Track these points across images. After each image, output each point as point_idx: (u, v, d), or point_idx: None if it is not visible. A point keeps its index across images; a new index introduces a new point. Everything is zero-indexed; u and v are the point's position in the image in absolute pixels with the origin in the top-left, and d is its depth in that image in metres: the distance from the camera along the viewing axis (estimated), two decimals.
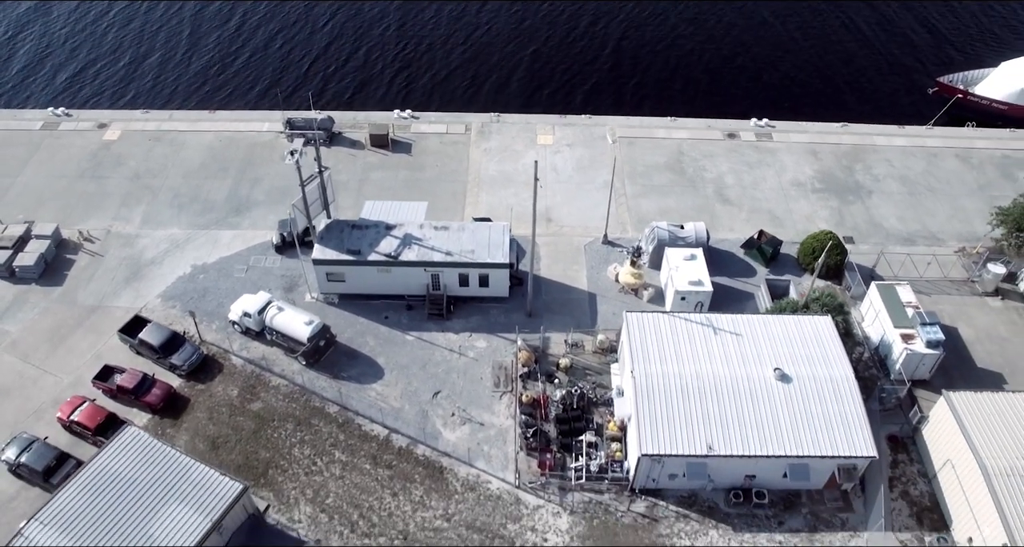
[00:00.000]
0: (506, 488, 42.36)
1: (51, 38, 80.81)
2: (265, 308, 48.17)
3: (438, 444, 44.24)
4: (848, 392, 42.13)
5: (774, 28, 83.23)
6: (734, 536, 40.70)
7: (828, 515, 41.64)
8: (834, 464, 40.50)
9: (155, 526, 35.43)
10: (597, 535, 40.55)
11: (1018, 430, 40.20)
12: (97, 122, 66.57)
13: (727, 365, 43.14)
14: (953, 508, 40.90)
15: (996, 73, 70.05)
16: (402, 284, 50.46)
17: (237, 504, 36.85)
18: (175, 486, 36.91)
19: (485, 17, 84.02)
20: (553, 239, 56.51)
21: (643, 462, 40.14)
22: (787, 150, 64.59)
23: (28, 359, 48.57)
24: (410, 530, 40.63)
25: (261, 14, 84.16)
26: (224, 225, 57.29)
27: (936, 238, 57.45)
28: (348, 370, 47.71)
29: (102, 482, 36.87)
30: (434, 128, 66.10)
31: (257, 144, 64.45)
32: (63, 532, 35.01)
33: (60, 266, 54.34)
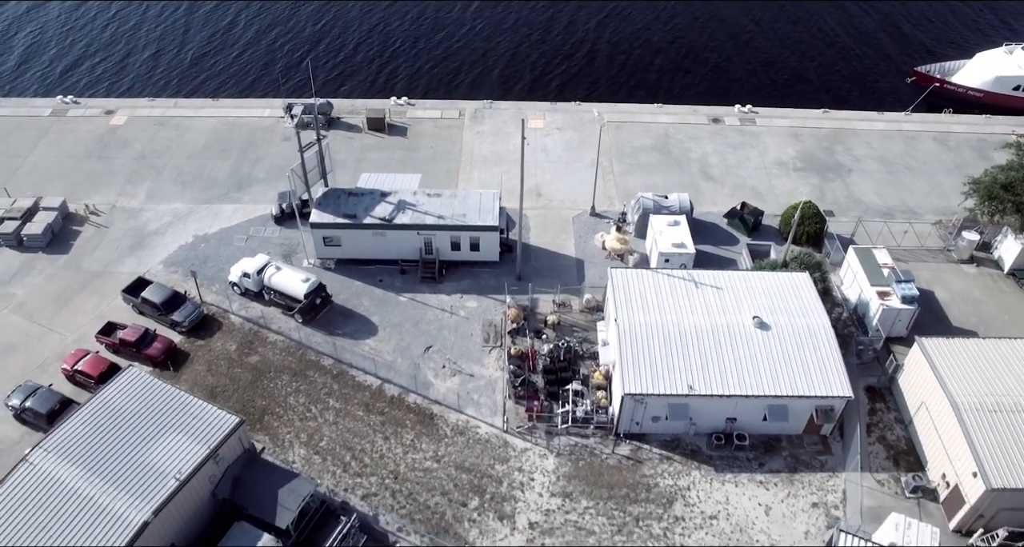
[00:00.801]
0: (494, 432, 43.72)
1: (52, 35, 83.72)
2: (264, 268, 49.95)
3: (429, 393, 45.68)
4: (824, 339, 43.71)
5: (759, 22, 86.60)
6: (716, 476, 41.95)
7: (807, 457, 42.92)
8: (812, 405, 41.90)
9: (154, 453, 36.73)
10: (582, 475, 41.79)
11: (987, 372, 41.67)
12: (104, 109, 69.06)
13: (708, 314, 44.78)
14: (928, 449, 42.20)
15: (972, 63, 72.71)
16: (396, 248, 52.27)
17: (233, 436, 38.13)
18: (174, 418, 38.28)
19: (478, 14, 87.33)
20: (542, 212, 58.47)
21: (626, 402, 41.55)
22: (769, 133, 66.93)
23: (33, 319, 50.22)
24: (401, 470, 41.89)
25: (258, 10, 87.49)
26: (225, 200, 59.34)
27: (914, 212, 59.38)
28: (343, 327, 49.31)
29: (104, 414, 38.25)
30: (429, 114, 68.56)
31: (258, 128, 66.80)
32: (66, 458, 36.30)
33: (66, 236, 56.25)
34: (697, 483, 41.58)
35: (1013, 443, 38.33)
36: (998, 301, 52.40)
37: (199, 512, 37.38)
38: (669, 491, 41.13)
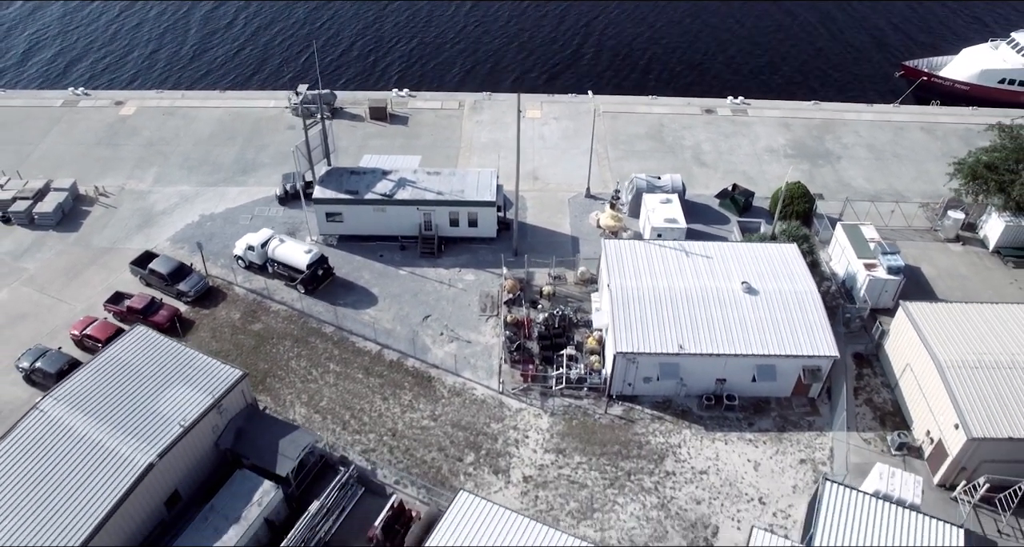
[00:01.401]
0: (490, 394, 44.88)
1: (58, 33, 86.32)
2: (268, 241, 51.44)
3: (427, 357, 46.93)
4: (811, 303, 45.01)
5: (750, 19, 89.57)
6: (706, 435, 43.01)
7: (796, 418, 44.00)
8: (799, 365, 43.06)
9: (160, 402, 37.92)
10: (576, 433, 42.88)
11: (969, 332, 42.87)
12: (114, 100, 71.10)
13: (698, 280, 46.13)
14: (913, 409, 43.28)
15: (958, 58, 74.74)
16: (396, 224, 53.77)
17: (236, 389, 39.32)
18: (179, 372, 39.51)
19: (478, 12, 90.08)
20: (539, 194, 60.05)
21: (618, 362, 42.76)
22: (761, 123, 68.69)
23: (44, 290, 51.65)
24: (399, 428, 43.02)
25: (257, 9, 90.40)
26: (231, 183, 61.03)
27: (901, 196, 60.87)
28: (344, 298, 50.66)
29: (112, 368, 39.49)
30: (429, 104, 70.50)
31: (263, 118, 68.70)
32: (75, 407, 37.50)
33: (76, 216, 57.87)
34: (688, 441, 42.65)
35: (993, 397, 39.44)
36: (983, 277, 53.68)
37: (202, 460, 38.48)
38: (660, 448, 42.20)
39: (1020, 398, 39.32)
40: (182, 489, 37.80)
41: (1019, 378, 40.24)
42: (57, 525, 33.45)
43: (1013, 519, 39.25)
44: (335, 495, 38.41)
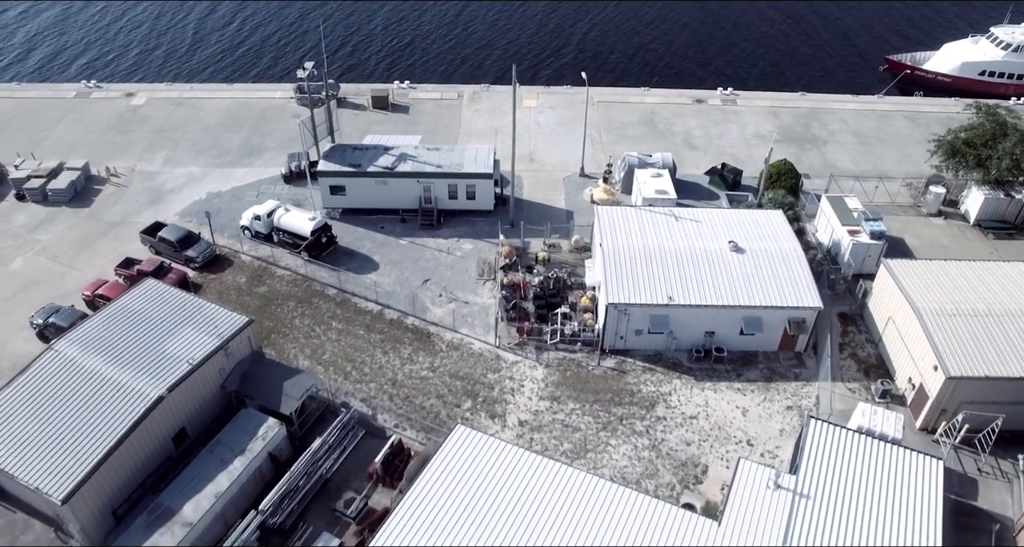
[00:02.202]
0: (487, 348, 46.43)
1: (66, 34, 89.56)
2: (274, 211, 53.38)
3: (426, 316, 48.57)
4: (796, 260, 46.83)
5: (741, 16, 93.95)
6: (696, 384, 44.48)
7: (783, 370, 45.50)
8: (785, 316, 44.66)
9: (170, 344, 39.46)
10: (570, 383, 44.36)
11: (947, 285, 44.55)
12: (125, 92, 73.67)
13: (687, 240, 47.99)
14: (895, 359, 44.81)
15: (940, 52, 77.56)
16: (397, 197, 55.73)
17: (243, 334, 40.90)
18: (188, 318, 41.13)
19: (477, 11, 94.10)
20: (535, 174, 62.15)
21: (610, 313, 44.39)
22: (750, 111, 71.10)
23: (57, 259, 53.45)
24: (399, 378, 44.51)
25: (259, 9, 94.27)
26: (238, 165, 63.18)
27: (886, 176, 62.97)
28: (347, 264, 52.39)
29: (124, 314, 41.15)
30: (429, 95, 73.06)
31: (269, 108, 71.15)
32: (88, 348, 39.03)
33: (88, 193, 59.91)
34: (678, 390, 44.11)
35: (970, 341, 41.00)
36: (964, 247, 55.47)
37: (208, 401, 39.91)
38: (651, 396, 43.65)
39: (995, 342, 40.92)
40: (189, 427, 39.20)
41: (994, 325, 41.86)
42: (70, 451, 34.84)
43: (992, 459, 40.63)
44: (337, 434, 39.83)
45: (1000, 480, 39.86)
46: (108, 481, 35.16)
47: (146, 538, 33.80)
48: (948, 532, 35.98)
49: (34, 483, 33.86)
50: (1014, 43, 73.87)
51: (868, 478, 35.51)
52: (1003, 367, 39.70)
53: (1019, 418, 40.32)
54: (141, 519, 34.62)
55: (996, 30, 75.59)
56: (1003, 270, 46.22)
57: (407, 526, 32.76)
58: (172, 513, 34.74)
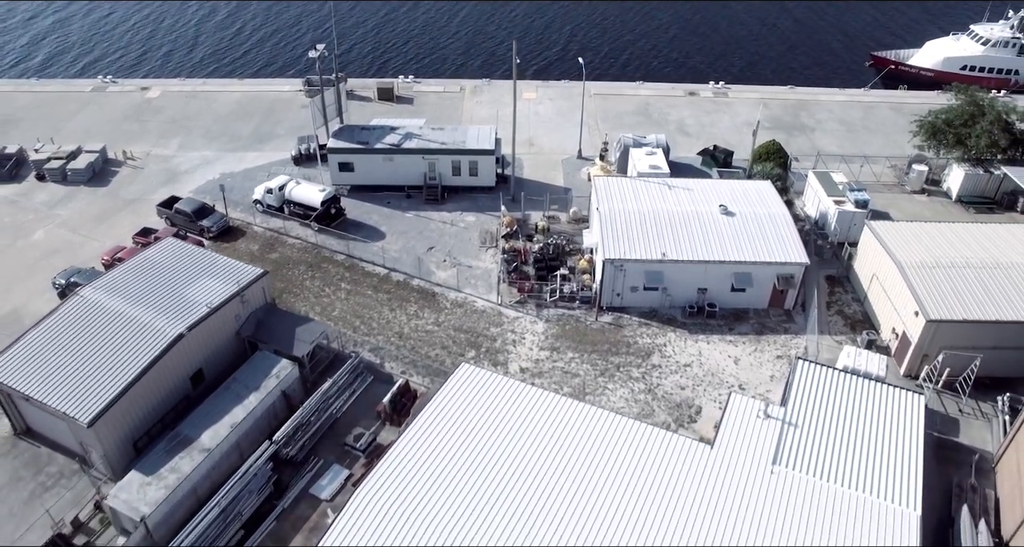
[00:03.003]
0: (490, 305, 48.51)
1: (77, 35, 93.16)
2: (285, 185, 55.80)
3: (431, 278, 50.71)
4: (783, 221, 49.17)
5: (732, 14, 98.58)
6: (690, 337, 46.49)
7: (773, 325, 47.55)
8: (773, 272, 46.82)
9: (189, 290, 41.50)
10: (569, 335, 46.37)
11: (927, 241, 46.85)
12: (140, 86, 76.68)
13: (679, 205, 50.35)
14: (880, 313, 46.90)
15: (923, 49, 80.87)
16: (403, 173, 58.20)
17: (258, 284, 43.00)
18: (207, 269, 43.22)
19: (478, 10, 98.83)
20: (535, 157, 64.76)
21: (607, 269, 46.55)
22: (741, 103, 74.04)
23: (76, 231, 55.72)
24: (405, 331, 46.50)
25: (265, 9, 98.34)
26: (249, 149, 65.81)
27: (871, 158, 65.56)
28: (355, 233, 54.65)
29: (145, 266, 43.28)
30: (433, 88, 76.08)
31: (278, 100, 74.05)
32: (112, 293, 41.04)
33: (106, 174, 62.39)
34: (673, 341, 46.11)
35: (949, 289, 43.14)
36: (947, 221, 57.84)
37: (225, 345, 41.83)
38: (647, 346, 45.63)
39: (972, 290, 43.05)
40: (206, 369, 41.06)
41: (972, 275, 44.02)
42: (95, 381, 36.71)
43: (973, 402, 42.48)
44: (347, 377, 41.72)
45: (981, 420, 41.70)
46: (130, 411, 37.01)
47: (166, 462, 35.51)
48: (930, 462, 37.86)
49: (62, 408, 35.71)
50: (992, 39, 77.19)
51: (853, 411, 37.35)
52: (980, 311, 41.81)
53: (996, 363, 42.32)
54: (161, 445, 36.36)
55: (976, 27, 78.96)
56: (980, 230, 48.60)
57: (411, 454, 34.45)
58: (190, 441, 36.49)
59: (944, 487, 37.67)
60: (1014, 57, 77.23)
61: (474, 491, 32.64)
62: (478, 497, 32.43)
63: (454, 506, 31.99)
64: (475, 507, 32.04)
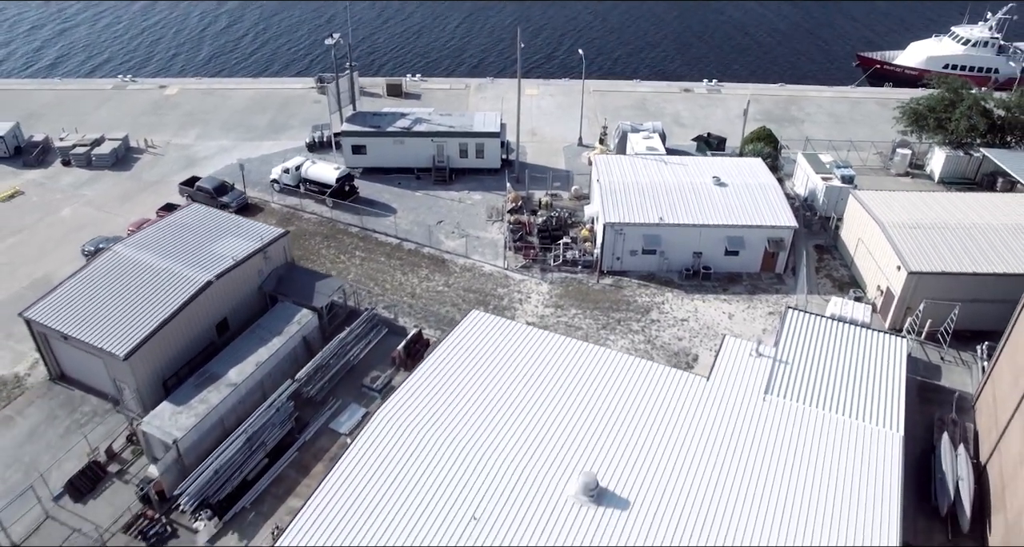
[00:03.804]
0: (497, 270, 51.18)
1: (103, 32, 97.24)
2: (301, 164, 58.80)
3: (441, 247, 53.44)
4: (773, 191, 52.13)
5: (725, 16, 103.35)
6: (686, 296, 49.11)
7: (765, 286, 50.23)
8: (764, 235, 49.58)
9: (216, 246, 44.17)
10: (572, 295, 48.97)
11: (908, 206, 49.74)
12: (158, 85, 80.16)
13: (675, 177, 53.34)
14: (865, 274, 49.60)
15: (908, 49, 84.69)
16: (413, 156, 61.23)
17: (279, 242, 45.70)
18: (232, 229, 45.96)
19: (481, 13, 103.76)
20: (537, 144, 67.91)
21: (607, 233, 49.31)
22: (733, 98, 77.40)
23: (101, 209, 58.54)
24: (417, 292, 49.10)
25: (276, 11, 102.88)
26: (265, 139, 68.95)
27: (858, 145, 68.80)
28: (368, 209, 57.52)
29: (175, 227, 45.98)
30: (439, 86, 79.60)
31: (291, 97, 77.43)
32: (143, 249, 43.68)
33: (128, 160, 65.40)
34: (670, 300, 48.71)
35: (929, 246, 45.90)
36: None
37: (248, 299, 44.38)
38: (646, 304, 48.22)
39: (951, 246, 45.84)
40: (231, 319, 43.57)
41: (950, 234, 46.82)
42: (130, 321, 39.22)
43: (954, 351, 44.98)
44: (363, 327, 44.22)
45: (961, 367, 44.17)
46: (161, 349, 39.47)
47: (195, 395, 37.86)
48: (913, 401, 40.31)
49: (99, 344, 38.17)
50: (973, 39, 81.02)
51: (840, 351, 39.83)
52: (958, 264, 44.55)
53: (974, 316, 44.84)
54: (191, 381, 38.74)
55: (957, 29, 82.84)
56: (959, 197, 51.62)
57: (426, 384, 36.75)
58: (218, 377, 38.87)
59: (927, 422, 40.01)
60: (993, 56, 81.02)
61: (485, 417, 34.96)
62: (489, 422, 34.73)
63: (467, 430, 34.28)
64: (486, 431, 34.32)
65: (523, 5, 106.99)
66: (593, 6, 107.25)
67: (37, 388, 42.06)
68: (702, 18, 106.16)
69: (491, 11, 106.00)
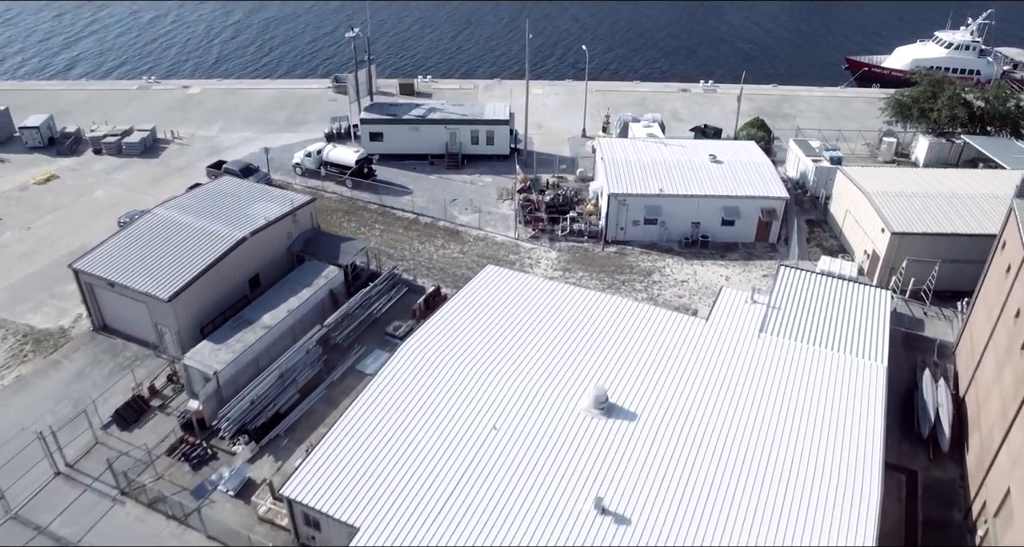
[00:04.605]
0: (508, 239, 54.56)
1: (127, 37, 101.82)
2: (322, 149, 62.50)
3: (455, 221, 56.83)
4: (766, 167, 55.78)
5: (719, 22, 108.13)
6: (686, 261, 52.41)
7: (759, 254, 53.54)
8: (758, 206, 53.01)
9: (249, 209, 47.51)
10: (579, 260, 52.26)
11: (891, 179, 53.36)
12: (181, 85, 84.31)
13: (674, 155, 56.97)
14: (853, 242, 52.93)
15: (894, 53, 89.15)
16: (427, 143, 64.92)
17: (307, 208, 49.11)
18: (263, 196, 49.39)
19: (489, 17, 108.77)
20: (544, 136, 71.70)
21: (611, 204, 52.73)
22: (728, 98, 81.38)
23: (133, 190, 62.03)
24: (434, 258, 52.38)
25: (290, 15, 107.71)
26: (285, 131, 72.76)
27: (846, 135, 72.60)
28: (385, 189, 61.04)
29: (209, 193, 49.46)
30: (449, 86, 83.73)
31: (308, 96, 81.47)
32: (181, 212, 47.05)
33: (156, 149, 69.10)
34: (671, 265, 52.00)
35: (911, 212, 49.30)
36: None
37: (278, 258, 47.60)
38: (648, 268, 51.49)
39: (931, 211, 49.25)
40: (262, 276, 46.74)
41: (931, 201, 50.25)
42: (172, 270, 42.43)
43: (935, 308, 48.13)
44: (385, 283, 47.40)
45: (943, 320, 47.32)
46: (200, 296, 42.64)
47: (232, 335, 40.90)
48: (898, 348, 43.41)
49: (144, 289, 41.34)
50: (955, 43, 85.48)
51: (828, 299, 43.07)
52: (937, 226, 47.93)
53: (954, 277, 47.98)
54: (228, 325, 41.84)
55: (940, 33, 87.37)
56: (939, 171, 55.40)
57: (444, 326, 39.81)
58: (252, 321, 41.97)
59: (911, 366, 43.02)
60: (975, 58, 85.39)
61: (503, 348, 38.18)
62: (507, 352, 37.90)
63: (486, 358, 37.50)
64: (504, 359, 37.48)
65: (525, 9, 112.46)
66: (593, 10, 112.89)
67: (81, 337, 45.10)
68: (699, 23, 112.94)
69: (495, 16, 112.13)
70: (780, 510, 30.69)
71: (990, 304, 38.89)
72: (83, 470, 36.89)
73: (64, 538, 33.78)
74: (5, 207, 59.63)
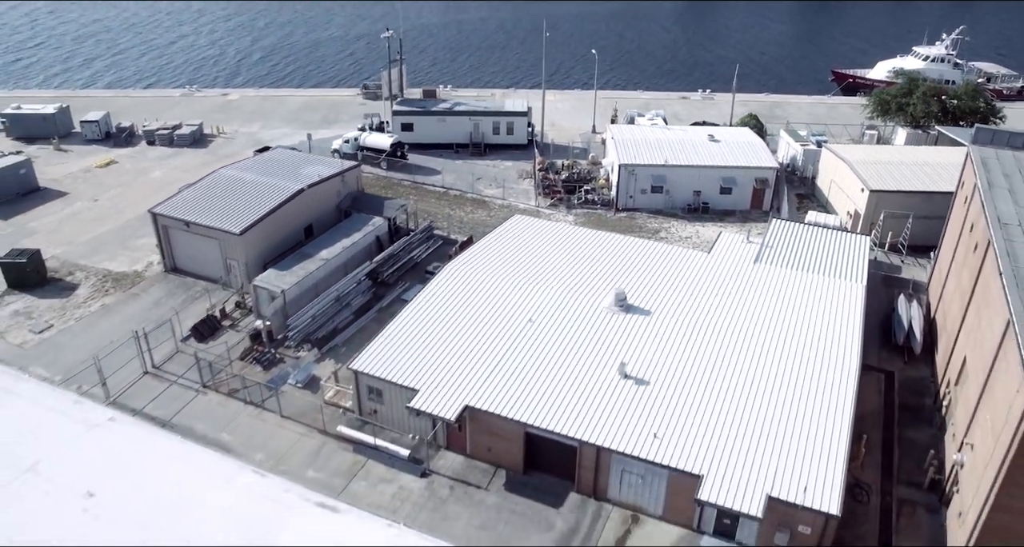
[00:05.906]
0: (530, 207, 60.87)
1: (168, 47, 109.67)
2: (359, 136, 69.28)
3: (482, 193, 63.20)
4: (758, 145, 62.43)
5: (714, 36, 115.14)
6: (688, 223, 58.62)
7: (754, 218, 59.73)
8: (752, 176, 59.45)
9: (303, 170, 53.89)
10: (593, 223, 58.38)
11: (872, 152, 60.00)
12: (221, 93, 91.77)
13: (677, 136, 63.73)
14: (838, 206, 59.22)
15: (876, 67, 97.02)
16: (452, 132, 71.75)
17: (353, 171, 55.52)
18: (314, 161, 55.90)
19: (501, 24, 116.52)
20: (557, 132, 78.70)
21: (621, 174, 59.19)
22: (725, 103, 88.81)
23: (187, 171, 68.45)
24: (464, 220, 58.59)
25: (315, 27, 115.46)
26: (320, 128, 79.78)
27: (832, 129, 79.57)
28: (417, 169, 67.57)
29: (265, 159, 55.97)
30: (469, 93, 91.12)
31: (339, 102, 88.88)
32: (244, 170, 53.43)
33: (204, 142, 75.94)
34: (675, 226, 58.23)
35: (888, 174, 55.78)
36: None
37: (329, 213, 53.72)
38: (655, 228, 57.70)
39: (904, 175, 55.80)
40: (315, 226, 52.76)
41: (904, 168, 56.82)
42: (240, 213, 48.51)
43: (911, 258, 54.13)
44: (424, 233, 53.48)
45: (917, 266, 53.27)
46: (266, 235, 48.64)
47: (295, 264, 46.72)
48: (877, 287, 49.26)
49: (217, 225, 47.36)
50: (931, 55, 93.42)
51: (815, 242, 49.18)
52: (909, 185, 54.30)
53: (927, 232, 53.82)
54: (289, 257, 47.72)
55: (918, 48, 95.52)
56: (913, 147, 61.87)
57: (481, 252, 45.82)
58: (311, 254, 47.88)
59: (889, 299, 48.78)
60: (950, 69, 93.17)
61: (534, 265, 44.47)
62: (538, 267, 44.09)
63: (520, 272, 43.86)
64: (536, 272, 43.64)
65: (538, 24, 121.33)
66: (596, 36, 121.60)
67: (155, 277, 50.92)
68: (697, 38, 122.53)
69: (508, 35, 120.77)
70: (773, 386, 36.04)
71: (953, 233, 44.93)
72: (168, 371, 42.35)
73: (158, 417, 39.08)
74: (72, 184, 66.01)
